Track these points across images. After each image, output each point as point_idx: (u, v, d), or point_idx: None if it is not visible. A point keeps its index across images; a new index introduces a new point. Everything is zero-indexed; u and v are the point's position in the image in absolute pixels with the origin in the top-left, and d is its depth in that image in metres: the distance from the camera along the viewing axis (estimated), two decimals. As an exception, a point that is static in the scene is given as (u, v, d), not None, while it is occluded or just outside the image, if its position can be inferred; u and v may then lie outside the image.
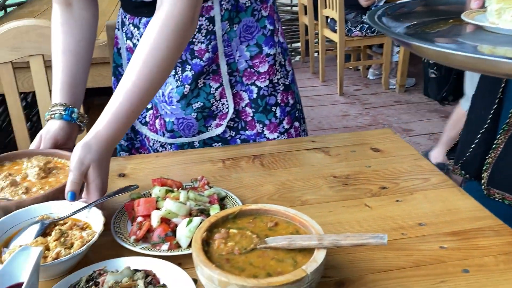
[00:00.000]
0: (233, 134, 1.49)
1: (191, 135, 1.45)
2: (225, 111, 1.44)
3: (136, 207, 1.01)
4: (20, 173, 1.12)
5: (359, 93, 5.24)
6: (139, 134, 1.56)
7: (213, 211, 1.02)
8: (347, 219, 1.07)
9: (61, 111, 1.21)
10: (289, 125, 1.49)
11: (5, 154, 1.17)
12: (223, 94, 1.42)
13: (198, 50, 1.35)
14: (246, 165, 1.33)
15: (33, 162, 1.14)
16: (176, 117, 1.41)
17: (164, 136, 1.47)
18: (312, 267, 0.77)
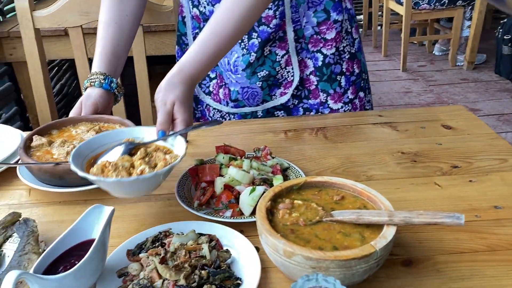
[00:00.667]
0: (295, 103, 1.45)
1: (255, 104, 1.43)
2: (290, 79, 1.41)
3: (200, 173, 1.02)
4: (73, 139, 1.13)
5: (423, 70, 5.00)
6: (200, 104, 1.57)
7: (276, 181, 1.00)
8: (415, 197, 1.03)
9: (101, 80, 1.24)
10: (353, 95, 1.44)
11: (51, 122, 1.19)
12: (288, 61, 1.38)
13: (265, 16, 1.32)
14: (309, 137, 1.30)
15: (81, 128, 1.16)
16: (241, 86, 1.40)
17: (227, 105, 1.47)
18: (381, 243, 0.74)
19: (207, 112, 1.56)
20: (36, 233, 0.87)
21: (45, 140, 1.09)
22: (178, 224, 0.91)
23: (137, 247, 0.84)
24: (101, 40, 1.31)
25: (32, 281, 0.68)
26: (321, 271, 0.72)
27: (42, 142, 1.09)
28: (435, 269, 0.83)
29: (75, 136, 1.15)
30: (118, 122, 1.19)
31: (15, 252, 0.83)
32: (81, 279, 0.73)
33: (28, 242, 0.84)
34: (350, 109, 1.44)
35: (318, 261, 0.71)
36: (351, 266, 0.72)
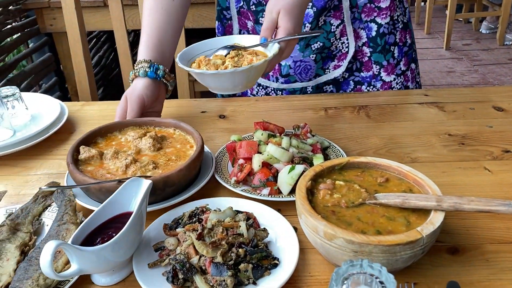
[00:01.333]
0: (346, 76, 1.39)
1: (307, 79, 1.38)
2: (344, 51, 1.35)
3: (237, 149, 1.00)
4: (123, 147, 1.01)
5: (468, 48, 4.78)
6: None
7: (316, 160, 0.97)
8: (463, 182, 0.97)
9: (145, 68, 1.15)
10: (405, 67, 1.38)
11: (94, 129, 1.04)
12: (343, 32, 1.32)
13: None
14: (350, 115, 1.25)
15: (130, 134, 1.04)
16: (293, 60, 1.34)
17: (277, 82, 1.41)
18: (428, 229, 0.69)
19: (249, 91, 1.52)
20: (73, 201, 0.88)
21: (94, 151, 0.96)
22: (215, 200, 0.90)
23: (174, 221, 0.83)
24: (147, 27, 1.21)
25: (70, 252, 0.68)
26: (363, 255, 0.69)
27: (92, 154, 0.96)
28: (484, 259, 0.78)
29: (125, 144, 1.02)
30: (172, 126, 1.07)
31: (54, 222, 0.84)
32: (118, 251, 0.73)
33: (66, 212, 0.85)
34: (403, 81, 1.38)
35: (360, 245, 0.68)
36: (395, 252, 0.68)
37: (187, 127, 1.03)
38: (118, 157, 0.94)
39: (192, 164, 0.90)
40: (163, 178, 0.85)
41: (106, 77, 3.63)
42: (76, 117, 1.31)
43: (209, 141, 1.15)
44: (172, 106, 1.35)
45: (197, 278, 0.71)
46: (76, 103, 1.39)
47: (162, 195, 0.87)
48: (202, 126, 1.23)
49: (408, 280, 0.74)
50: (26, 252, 0.80)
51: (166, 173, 0.86)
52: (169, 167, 0.93)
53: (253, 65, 0.95)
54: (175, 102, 1.39)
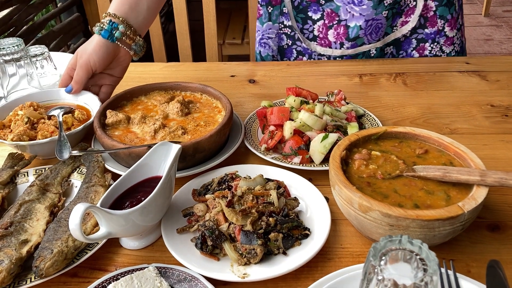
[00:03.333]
0: (408, 34, 1.31)
1: (377, 39, 1.30)
2: (412, 5, 1.27)
3: (268, 115, 0.96)
4: (150, 112, 0.98)
5: (509, 15, 4.54)
6: (285, 57, 1.41)
7: (350, 129, 0.93)
8: (506, 155, 0.92)
9: (103, 24, 1.00)
10: (462, 20, 1.32)
11: (120, 93, 1.01)
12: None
13: None
14: (387, 83, 1.20)
15: (157, 99, 1.01)
16: (365, 19, 1.26)
17: (340, 48, 1.32)
18: (470, 205, 0.66)
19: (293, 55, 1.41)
20: (101, 163, 0.87)
21: (122, 116, 0.94)
22: (245, 167, 0.87)
23: (203, 187, 0.82)
24: None
25: (99, 215, 0.67)
26: (399, 230, 0.66)
27: (119, 118, 0.93)
28: (526, 238, 0.74)
29: (152, 109, 1.00)
30: (199, 90, 1.02)
31: (82, 183, 0.83)
32: (147, 215, 0.72)
33: (94, 174, 0.84)
34: (461, 36, 1.33)
35: (397, 219, 0.65)
36: (434, 228, 0.65)
37: (215, 91, 1.00)
38: (146, 122, 0.92)
39: (222, 130, 0.88)
40: (193, 144, 0.83)
41: (134, 39, 3.60)
42: (104, 78, 1.29)
43: (238, 106, 1.13)
44: (200, 69, 1.32)
45: (226, 246, 0.70)
46: (104, 64, 1.37)
47: (192, 161, 0.86)
48: (231, 91, 1.20)
49: (445, 257, 0.71)
50: (56, 213, 0.80)
51: (196, 139, 0.84)
52: (198, 133, 0.90)
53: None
54: (203, 65, 1.35)
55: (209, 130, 0.90)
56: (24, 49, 1.18)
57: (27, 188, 0.83)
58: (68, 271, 0.69)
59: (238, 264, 0.68)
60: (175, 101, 0.97)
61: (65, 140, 0.88)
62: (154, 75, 1.29)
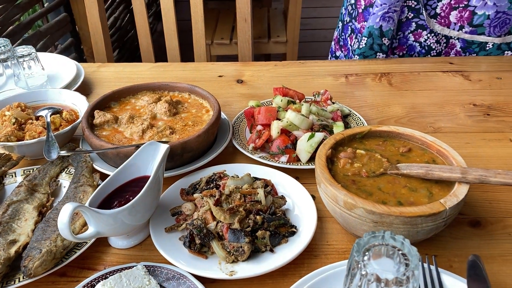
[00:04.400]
0: None
1: (497, 35, 1.30)
2: None
3: (256, 115, 0.97)
4: (139, 112, 0.98)
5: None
6: (400, 31, 1.36)
7: (336, 128, 0.94)
8: (487, 153, 0.94)
9: None
10: None
11: (107, 93, 1.01)
12: None
13: None
14: (372, 83, 1.22)
15: (144, 99, 1.01)
16: (497, 10, 1.25)
17: (459, 30, 1.31)
18: (452, 202, 0.68)
19: (412, 37, 1.37)
20: (89, 163, 0.87)
21: (109, 116, 0.94)
22: (232, 166, 0.88)
23: (191, 186, 0.83)
24: None
25: (87, 214, 0.67)
26: (383, 226, 0.68)
27: (107, 118, 0.94)
28: (506, 233, 0.76)
29: (140, 109, 1.00)
30: (186, 90, 1.04)
31: (71, 183, 0.84)
32: (135, 214, 0.72)
33: (83, 174, 0.84)
34: None
35: (381, 216, 0.67)
36: (417, 224, 0.67)
37: (203, 91, 1.01)
38: (134, 122, 0.92)
39: (210, 130, 0.89)
40: (181, 144, 0.84)
41: (121, 39, 3.59)
42: (92, 78, 1.29)
43: (226, 106, 1.14)
44: (188, 70, 1.32)
45: (214, 244, 0.71)
46: (92, 65, 1.37)
47: (180, 160, 0.86)
48: (219, 91, 1.20)
49: (427, 252, 0.73)
50: (44, 213, 0.80)
51: (184, 139, 0.85)
52: (186, 133, 0.91)
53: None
54: (191, 65, 1.36)
55: (197, 130, 0.91)
56: (11, 50, 1.18)
57: (15, 189, 0.83)
58: (57, 271, 0.69)
59: (226, 262, 0.69)
60: (163, 101, 0.98)
61: (53, 141, 0.88)
62: (143, 75, 1.30)
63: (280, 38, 2.73)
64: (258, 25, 3.02)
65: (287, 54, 2.79)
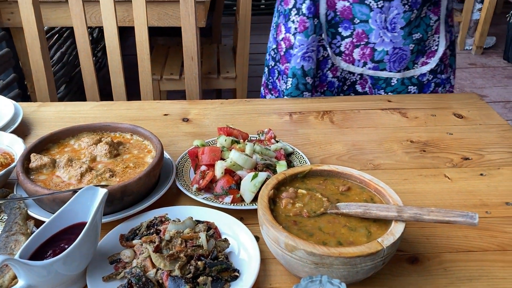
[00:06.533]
0: (430, 78, 1.41)
1: (397, 69, 1.37)
2: (434, 49, 1.39)
3: (200, 155, 0.97)
4: (78, 155, 0.95)
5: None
6: (320, 69, 1.42)
7: (279, 167, 0.96)
8: (424, 189, 0.98)
9: None
10: (454, 75, 1.50)
11: (46, 135, 0.98)
12: (437, 29, 1.37)
13: None
14: (315, 120, 1.25)
15: (84, 141, 0.99)
16: (393, 46, 1.33)
17: (363, 67, 1.38)
18: (389, 240, 0.69)
19: (330, 73, 1.44)
20: (23, 209, 0.83)
21: (46, 159, 0.91)
22: (175, 208, 0.87)
23: (131, 232, 0.80)
24: None
25: (17, 267, 0.64)
26: (324, 267, 0.68)
27: (44, 162, 0.90)
28: (442, 268, 0.79)
29: (79, 151, 0.97)
30: (129, 131, 1.02)
31: (2, 232, 0.79)
32: (71, 264, 0.69)
33: (16, 222, 0.80)
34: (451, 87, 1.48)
35: (321, 257, 0.67)
36: (356, 264, 0.68)
37: (145, 132, 1.00)
38: (72, 165, 0.89)
39: (152, 172, 0.88)
40: (121, 187, 0.82)
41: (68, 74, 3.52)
42: (32, 118, 1.25)
43: (171, 145, 1.13)
44: (133, 109, 1.31)
45: (154, 292, 0.69)
46: (32, 104, 1.33)
47: (120, 204, 0.84)
48: (164, 130, 1.20)
49: (368, 291, 0.73)
50: (-29, 265, 0.75)
51: (124, 182, 0.83)
52: (127, 175, 0.89)
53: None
54: (136, 104, 1.35)
55: (138, 172, 0.89)
56: None
57: None
58: (-17, 329, 0.65)
59: (166, 310, 0.67)
60: (103, 142, 0.96)
61: (-16, 187, 0.84)
62: (85, 115, 1.27)
63: (230, 74, 2.77)
64: (208, 61, 3.05)
65: (236, 89, 2.82)
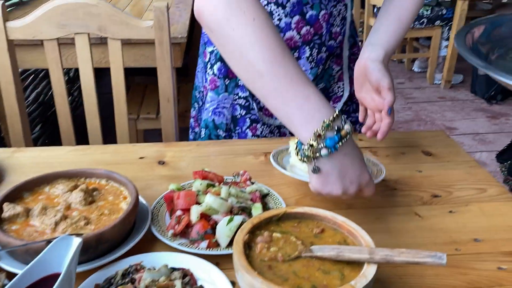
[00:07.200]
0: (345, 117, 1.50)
1: None
2: (339, 94, 1.50)
3: (175, 200, 0.98)
4: (53, 202, 0.95)
5: (402, 87, 5.07)
6: (238, 126, 1.48)
7: (255, 210, 0.97)
8: (396, 228, 1.01)
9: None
10: None
11: (19, 184, 0.97)
12: (341, 77, 1.49)
13: (334, 32, 1.39)
14: (289, 160, 1.27)
15: (59, 188, 0.99)
16: None
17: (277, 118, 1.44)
18: (361, 283, 0.71)
19: (246, 122, 1.49)
20: (-5, 261, 0.82)
21: (20, 208, 0.89)
22: (151, 255, 0.87)
23: (106, 281, 0.80)
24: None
25: (-12, 324, 0.63)
26: (299, 312, 0.69)
27: (17, 211, 0.89)
28: (415, 307, 0.80)
29: (54, 199, 0.96)
30: (104, 176, 1.02)
31: (-27, 286, 0.78)
32: (44, 317, 0.68)
33: (-12, 275, 0.79)
34: None
35: (296, 302, 0.68)
36: (331, 307, 0.69)
37: (121, 178, 1.00)
38: (47, 214, 0.89)
39: (127, 219, 0.88)
40: (96, 236, 0.82)
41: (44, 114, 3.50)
42: (6, 165, 1.24)
43: (147, 189, 1.13)
44: (108, 152, 1.31)
45: None
46: (6, 150, 1.32)
47: (95, 253, 0.84)
48: (139, 174, 1.20)
49: (344, 334, 0.74)
50: None
51: (99, 230, 0.83)
52: (102, 223, 0.89)
53: None
54: (111, 147, 1.35)
55: (113, 219, 0.89)
56: None
57: None
58: None
59: None
60: (78, 189, 0.96)
61: (-45, 239, 0.83)
62: (61, 160, 1.27)
63: (206, 112, 2.80)
64: (185, 100, 3.08)
65: (213, 127, 2.84)
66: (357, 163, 0.91)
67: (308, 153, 0.87)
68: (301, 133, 0.88)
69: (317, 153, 0.87)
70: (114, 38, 1.59)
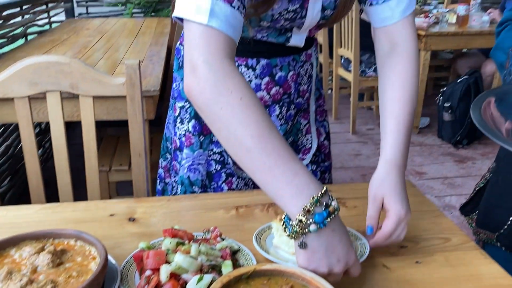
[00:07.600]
0: (314, 168, 1.58)
1: None
2: (308, 146, 1.56)
3: (145, 259, 0.97)
4: (19, 266, 0.92)
5: (372, 132, 5.21)
6: (213, 181, 1.50)
7: (225, 268, 0.97)
8: (364, 280, 1.02)
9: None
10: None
11: None
12: (308, 130, 1.56)
13: (302, 90, 1.47)
14: (260, 214, 1.29)
15: (26, 250, 0.96)
16: None
17: None
18: None
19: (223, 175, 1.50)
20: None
21: None
22: (119, 318, 0.86)
23: None
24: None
25: None
26: None
27: None
28: None
29: (20, 263, 0.93)
30: (73, 237, 1.00)
31: None
32: None
33: None
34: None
35: None
36: None
37: (89, 237, 1.00)
38: (12, 278, 0.87)
39: (95, 281, 0.87)
40: (63, 301, 0.81)
41: (13, 167, 3.44)
42: (-30, 225, 1.22)
43: (117, 248, 1.12)
44: (78, 210, 1.30)
45: None
46: (-29, 210, 1.30)
47: (61, 319, 0.82)
48: (109, 232, 1.19)
49: None
50: None
51: (63, 295, 0.82)
52: (69, 286, 0.88)
53: None
54: (82, 205, 1.34)
55: (81, 282, 0.88)
56: None
57: None
58: None
59: None
60: (46, 251, 0.95)
61: None
62: (29, 220, 1.25)
63: (179, 163, 2.80)
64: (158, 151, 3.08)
65: (187, 178, 2.84)
66: (344, 240, 0.91)
67: (297, 229, 0.87)
68: (290, 208, 0.88)
69: (306, 228, 0.87)
70: (85, 95, 1.61)
